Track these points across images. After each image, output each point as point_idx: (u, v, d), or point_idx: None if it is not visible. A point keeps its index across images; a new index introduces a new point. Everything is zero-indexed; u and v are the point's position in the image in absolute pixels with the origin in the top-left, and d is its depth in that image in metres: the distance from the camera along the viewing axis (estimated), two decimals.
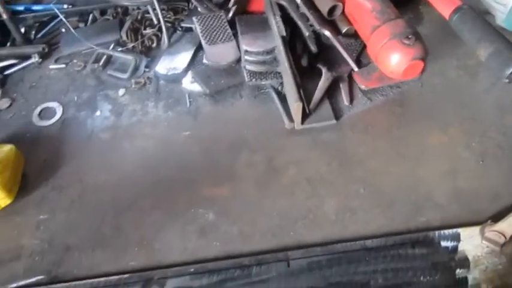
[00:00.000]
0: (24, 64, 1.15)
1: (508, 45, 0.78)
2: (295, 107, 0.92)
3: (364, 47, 1.09)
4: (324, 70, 1.04)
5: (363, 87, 1.04)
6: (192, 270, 0.80)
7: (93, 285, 0.80)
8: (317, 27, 1.05)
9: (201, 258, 0.82)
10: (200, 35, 1.09)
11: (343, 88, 1.04)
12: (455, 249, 0.81)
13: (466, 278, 0.79)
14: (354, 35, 1.10)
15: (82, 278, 0.81)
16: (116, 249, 0.84)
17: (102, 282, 0.80)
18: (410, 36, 0.94)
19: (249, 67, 1.04)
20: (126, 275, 0.80)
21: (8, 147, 0.92)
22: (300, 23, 1.06)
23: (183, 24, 1.17)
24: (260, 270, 0.80)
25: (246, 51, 1.03)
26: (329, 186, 0.89)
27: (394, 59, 0.95)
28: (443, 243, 0.81)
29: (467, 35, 0.84)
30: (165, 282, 0.80)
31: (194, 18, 1.10)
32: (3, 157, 0.90)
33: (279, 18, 1.05)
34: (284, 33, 1.02)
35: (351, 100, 1.02)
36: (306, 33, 1.05)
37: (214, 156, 0.95)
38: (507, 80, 0.78)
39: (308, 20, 1.07)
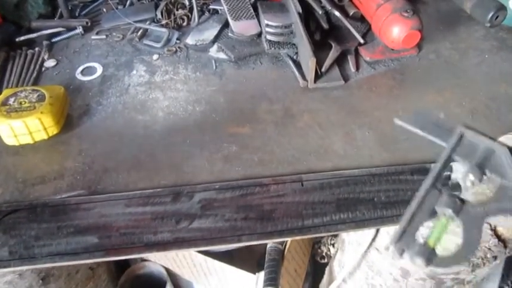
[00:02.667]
0: (69, 34, 1.30)
1: None
2: (310, 63, 1.07)
3: (369, 28, 1.26)
4: (333, 44, 1.20)
5: (367, 59, 1.19)
6: (217, 186, 0.91)
7: (129, 196, 0.90)
8: (328, 7, 1.22)
9: (225, 179, 0.93)
10: (227, 12, 1.25)
11: (351, 59, 1.19)
12: (448, 177, 0.92)
13: None
14: (360, 19, 1.27)
15: (119, 192, 0.92)
16: (149, 171, 0.95)
17: (138, 194, 0.90)
18: (408, 11, 1.10)
19: (269, 37, 1.19)
20: (158, 189, 0.91)
21: (58, 87, 1.05)
22: (313, 4, 1.23)
23: (210, 7, 1.34)
24: (277, 187, 0.91)
25: (267, 25, 1.19)
26: (338, 130, 1.02)
27: (395, 29, 1.10)
28: None
29: None
30: (193, 195, 0.90)
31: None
32: (54, 93, 1.02)
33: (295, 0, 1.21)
34: (300, 10, 1.18)
35: (357, 68, 1.17)
36: (319, 12, 1.22)
37: (238, 104, 1.08)
38: (489, 24, 0.93)
39: (321, 2, 1.24)
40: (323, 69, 1.13)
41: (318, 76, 1.12)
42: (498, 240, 1.12)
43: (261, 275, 1.49)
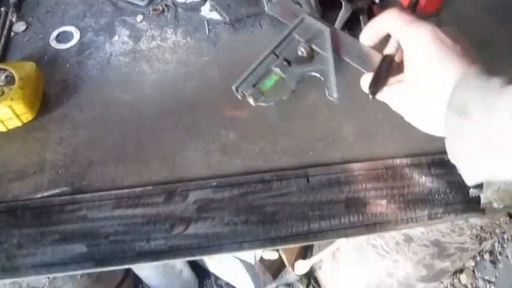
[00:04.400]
0: None
1: None
2: None
3: None
4: (344, 2, 1.04)
5: None
6: (214, 183, 0.82)
7: (117, 196, 0.82)
8: None
9: (222, 174, 0.84)
10: None
11: (363, 20, 1.04)
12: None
13: (478, 197, 0.82)
14: None
15: (105, 189, 0.83)
16: (138, 165, 0.86)
17: (126, 193, 0.82)
18: None
19: None
20: (149, 187, 0.82)
21: (28, 65, 0.92)
22: None
23: None
24: (281, 184, 0.82)
25: None
26: (348, 112, 0.91)
27: None
28: None
29: None
30: (188, 194, 0.82)
31: None
32: (25, 74, 0.89)
33: None
34: None
35: None
36: None
37: (235, 79, 0.95)
38: None
39: None
40: None
41: None
42: (510, 218, 1.07)
43: None
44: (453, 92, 0.59)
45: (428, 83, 0.64)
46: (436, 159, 0.84)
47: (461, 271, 1.98)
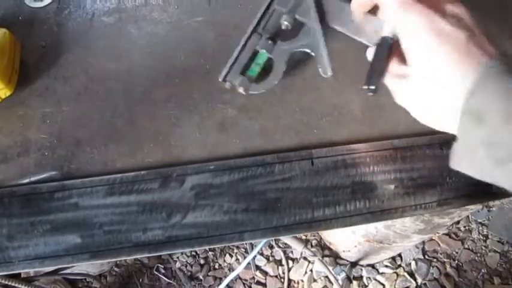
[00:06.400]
0: None
1: None
2: None
3: None
4: None
5: None
6: (212, 167, 0.77)
7: (110, 181, 0.77)
8: None
9: (221, 156, 0.79)
10: None
11: None
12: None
13: None
14: None
15: (96, 174, 0.78)
16: (130, 145, 0.80)
17: (119, 178, 0.77)
18: None
19: None
20: (143, 172, 0.77)
21: (1, 32, 0.82)
22: None
23: None
24: (283, 168, 0.77)
25: None
26: (356, 82, 0.83)
27: None
28: None
29: None
30: (184, 179, 0.77)
31: None
32: None
33: None
34: None
35: None
36: None
37: (231, 44, 0.85)
38: None
39: None
40: None
41: None
42: None
43: None
44: (470, 96, 0.53)
45: (439, 83, 0.57)
46: (448, 139, 0.78)
47: (457, 222, 2.00)
